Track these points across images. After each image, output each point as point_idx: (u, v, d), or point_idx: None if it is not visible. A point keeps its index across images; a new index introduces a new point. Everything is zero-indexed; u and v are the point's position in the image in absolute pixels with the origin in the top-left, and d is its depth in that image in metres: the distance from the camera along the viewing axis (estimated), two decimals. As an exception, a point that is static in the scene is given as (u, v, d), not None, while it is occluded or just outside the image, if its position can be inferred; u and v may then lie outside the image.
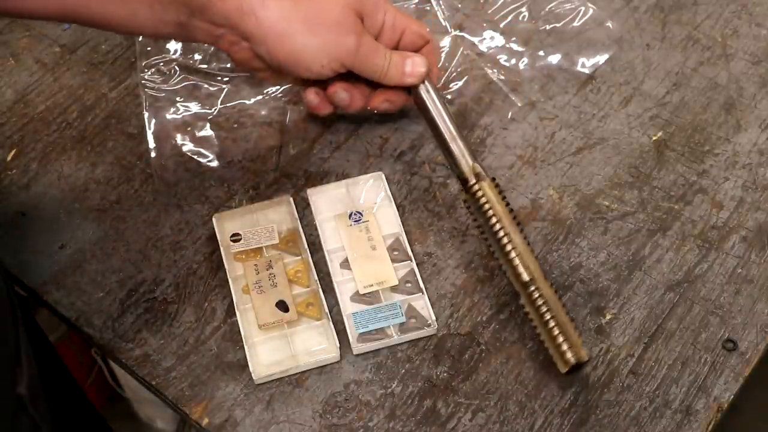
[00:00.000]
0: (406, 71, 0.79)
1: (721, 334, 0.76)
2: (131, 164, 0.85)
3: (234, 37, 0.77)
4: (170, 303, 0.77)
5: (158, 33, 0.77)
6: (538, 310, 0.73)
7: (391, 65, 0.79)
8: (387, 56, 0.79)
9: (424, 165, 0.85)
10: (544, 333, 0.73)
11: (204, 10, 0.75)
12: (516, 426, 0.72)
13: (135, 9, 0.74)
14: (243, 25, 0.76)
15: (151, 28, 0.76)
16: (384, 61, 0.79)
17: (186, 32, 0.77)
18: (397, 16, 0.81)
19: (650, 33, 0.94)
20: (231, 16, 0.75)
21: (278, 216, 0.81)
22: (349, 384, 0.74)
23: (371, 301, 0.77)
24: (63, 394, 0.97)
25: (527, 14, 0.94)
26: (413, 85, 0.80)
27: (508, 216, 0.75)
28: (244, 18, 0.75)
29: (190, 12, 0.75)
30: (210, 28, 0.76)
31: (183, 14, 0.75)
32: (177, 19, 0.75)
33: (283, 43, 0.76)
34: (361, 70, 0.79)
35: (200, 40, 0.78)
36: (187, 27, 0.76)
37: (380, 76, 0.79)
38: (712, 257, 0.80)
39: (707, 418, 0.72)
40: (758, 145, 0.86)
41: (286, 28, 0.76)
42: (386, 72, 0.79)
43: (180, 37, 0.78)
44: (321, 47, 0.76)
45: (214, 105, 0.88)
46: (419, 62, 0.79)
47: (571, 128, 0.87)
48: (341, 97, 0.81)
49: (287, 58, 0.77)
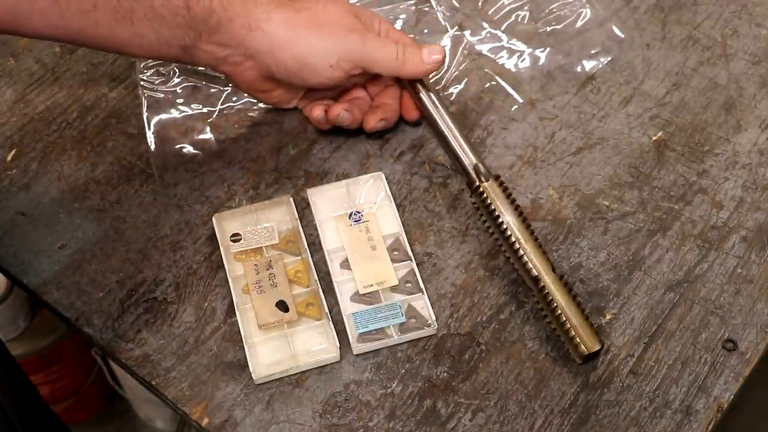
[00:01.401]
0: (424, 58, 0.80)
1: (721, 334, 0.76)
2: (131, 164, 0.85)
3: (238, 57, 0.78)
4: (170, 303, 0.77)
5: (161, 55, 0.78)
6: (549, 305, 0.73)
7: (407, 53, 0.79)
8: (399, 47, 0.80)
9: (424, 165, 0.85)
10: (557, 326, 0.73)
11: (213, 33, 0.76)
12: (516, 426, 0.72)
13: (142, 32, 0.74)
14: (250, 42, 0.77)
15: (155, 52, 0.76)
16: (396, 50, 0.79)
17: (189, 56, 0.78)
18: (391, 29, 0.83)
19: (650, 33, 0.94)
20: (238, 34, 0.76)
21: (278, 216, 0.81)
22: (349, 384, 0.74)
23: (371, 301, 0.77)
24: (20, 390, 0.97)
25: (527, 14, 0.94)
26: (431, 72, 0.81)
27: (513, 213, 0.76)
28: (252, 34, 0.76)
29: (197, 35, 0.76)
30: (215, 50, 0.77)
31: (189, 38, 0.76)
32: (183, 42, 0.76)
33: (290, 48, 0.77)
34: (373, 64, 0.79)
35: (202, 63, 0.79)
36: (192, 50, 0.77)
37: (397, 66, 0.80)
38: (712, 257, 0.80)
39: (707, 418, 0.72)
40: (758, 145, 0.86)
41: (291, 34, 0.77)
42: (404, 60, 0.80)
43: (182, 60, 0.78)
44: (327, 48, 0.77)
45: (214, 106, 0.88)
46: (436, 49, 0.80)
47: (571, 128, 0.87)
48: (344, 117, 0.82)
49: (294, 64, 0.78)
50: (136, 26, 0.73)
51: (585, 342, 0.72)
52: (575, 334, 0.72)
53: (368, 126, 0.84)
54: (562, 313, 0.73)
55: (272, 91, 0.83)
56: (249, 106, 0.88)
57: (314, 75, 0.79)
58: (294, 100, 0.86)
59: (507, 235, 0.75)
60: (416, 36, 0.92)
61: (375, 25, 0.82)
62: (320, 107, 0.83)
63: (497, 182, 0.77)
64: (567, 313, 0.73)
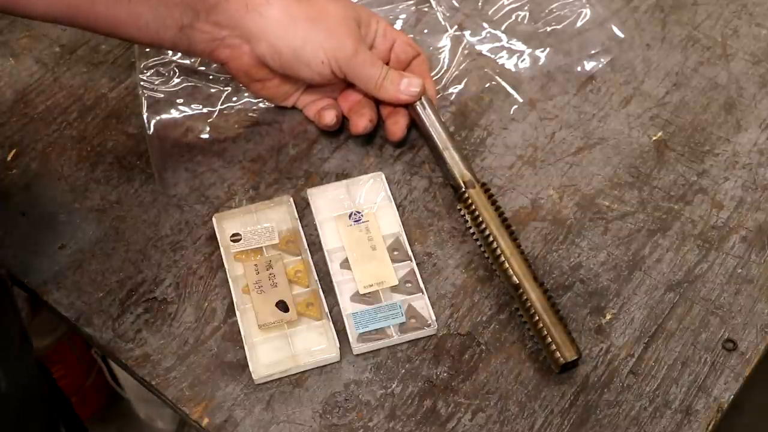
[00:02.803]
0: (401, 88, 0.81)
1: (721, 334, 0.76)
2: (131, 164, 0.85)
3: (236, 40, 0.78)
4: (170, 303, 0.77)
5: (159, 38, 0.77)
6: (527, 311, 0.73)
7: (387, 79, 0.81)
8: (384, 70, 0.81)
9: (424, 165, 0.85)
10: (536, 334, 0.73)
11: (210, 12, 0.76)
12: (516, 426, 0.72)
13: (139, 11, 0.74)
14: (247, 23, 0.77)
15: (152, 33, 0.76)
16: (380, 73, 0.81)
17: (187, 38, 0.77)
18: (388, 27, 0.84)
19: (650, 33, 0.94)
20: (236, 15, 0.76)
21: (278, 216, 0.81)
22: (349, 384, 0.74)
23: (371, 301, 0.77)
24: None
25: (527, 14, 0.94)
26: (406, 102, 0.82)
27: (496, 220, 0.77)
28: (249, 15, 0.76)
29: (194, 14, 0.76)
30: (212, 30, 0.77)
31: (187, 17, 0.76)
32: (180, 22, 0.76)
33: (286, 36, 0.77)
34: (355, 77, 0.81)
35: (199, 48, 0.79)
36: (189, 32, 0.77)
37: (374, 86, 0.81)
38: (712, 257, 0.80)
39: (707, 418, 0.72)
40: (758, 145, 0.86)
41: (289, 23, 0.77)
42: (381, 84, 0.81)
43: (180, 45, 0.78)
44: (322, 44, 0.78)
45: (214, 106, 0.88)
46: (415, 82, 0.82)
47: (571, 128, 0.87)
48: (329, 117, 0.83)
49: (289, 53, 0.78)
50: (134, 4, 0.74)
51: (562, 351, 0.72)
52: (552, 341, 0.72)
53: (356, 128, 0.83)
54: (540, 320, 0.73)
55: (268, 81, 0.83)
56: (249, 106, 0.88)
57: (306, 68, 0.79)
58: (291, 97, 0.86)
59: (489, 242, 0.76)
60: (416, 36, 0.92)
61: (373, 24, 0.82)
62: (331, 113, 0.84)
63: (483, 189, 0.78)
64: (546, 322, 0.73)
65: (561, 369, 0.73)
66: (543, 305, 0.73)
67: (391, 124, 0.84)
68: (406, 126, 0.84)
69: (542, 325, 0.73)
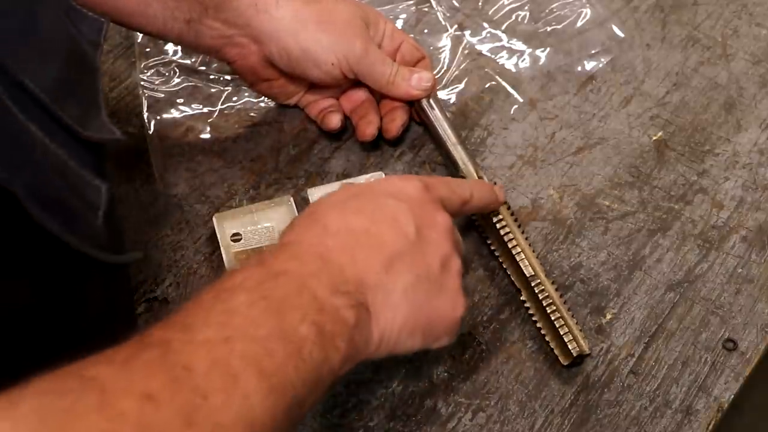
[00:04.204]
0: (413, 83, 0.81)
1: (721, 334, 0.76)
2: (131, 164, 0.85)
3: (243, 39, 0.78)
4: (171, 302, 0.77)
5: (166, 30, 0.77)
6: (541, 305, 0.73)
7: (399, 75, 0.81)
8: (394, 67, 0.81)
9: (424, 165, 0.85)
10: (547, 328, 0.73)
11: (219, 9, 0.76)
12: (516, 426, 0.72)
13: (148, 1, 0.74)
14: (256, 23, 0.77)
15: (160, 26, 0.76)
16: (390, 70, 0.81)
17: (194, 32, 0.77)
18: (395, 28, 0.84)
19: (650, 33, 0.94)
20: (245, 14, 0.76)
21: (278, 216, 0.81)
22: (349, 384, 0.74)
23: (371, 301, 0.76)
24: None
25: (527, 14, 0.94)
26: (418, 97, 0.82)
27: (509, 217, 0.77)
28: (259, 16, 0.76)
29: (203, 9, 0.76)
30: (221, 28, 0.77)
31: (195, 11, 0.76)
32: (188, 15, 0.76)
33: (296, 38, 0.77)
34: (366, 76, 0.81)
35: (206, 44, 0.79)
36: (196, 26, 0.77)
37: (386, 83, 0.81)
38: (713, 257, 0.80)
39: (707, 418, 0.72)
40: (758, 145, 0.86)
41: (298, 25, 0.77)
42: (393, 81, 0.81)
43: (186, 38, 0.78)
44: (332, 45, 0.78)
45: (214, 106, 0.88)
46: (426, 77, 0.82)
47: (571, 128, 0.87)
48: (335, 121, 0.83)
49: (299, 55, 0.78)
50: None
51: (579, 342, 0.72)
52: (569, 331, 0.72)
53: (362, 135, 0.84)
54: (557, 310, 0.73)
55: (275, 81, 0.83)
56: (249, 106, 0.88)
57: (315, 68, 0.79)
58: (295, 96, 0.86)
59: (504, 234, 0.76)
60: (416, 36, 0.92)
61: (381, 25, 0.82)
62: (336, 117, 0.84)
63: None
64: (563, 313, 0.73)
65: (570, 363, 0.72)
66: (557, 299, 0.74)
67: (387, 122, 0.84)
68: (402, 124, 0.84)
69: (559, 315, 0.73)
